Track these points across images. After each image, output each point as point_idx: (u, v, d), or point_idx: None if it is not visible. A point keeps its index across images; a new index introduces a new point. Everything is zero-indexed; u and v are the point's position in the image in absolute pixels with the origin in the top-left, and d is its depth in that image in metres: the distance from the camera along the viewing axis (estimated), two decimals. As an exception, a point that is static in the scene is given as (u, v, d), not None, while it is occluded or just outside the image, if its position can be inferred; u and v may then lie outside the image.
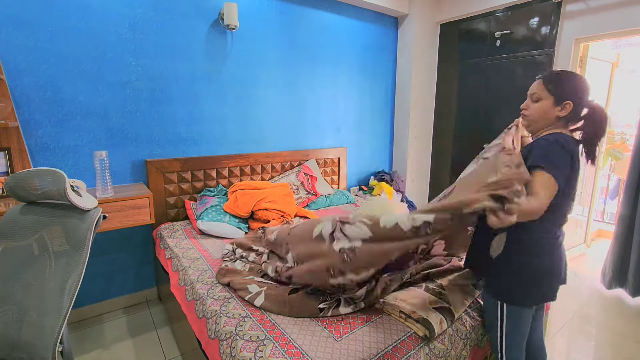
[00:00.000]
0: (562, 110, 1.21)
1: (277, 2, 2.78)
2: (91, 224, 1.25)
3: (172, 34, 2.34)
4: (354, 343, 1.20)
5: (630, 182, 2.48)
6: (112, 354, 1.97)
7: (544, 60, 2.88)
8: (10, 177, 1.26)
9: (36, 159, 2.01)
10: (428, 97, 3.80)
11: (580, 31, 2.68)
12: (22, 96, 1.93)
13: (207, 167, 2.59)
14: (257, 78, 2.77)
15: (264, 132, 2.89)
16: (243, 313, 1.38)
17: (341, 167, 3.44)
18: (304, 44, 2.99)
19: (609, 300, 2.59)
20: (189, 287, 1.66)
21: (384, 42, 3.58)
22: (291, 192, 2.68)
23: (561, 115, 1.22)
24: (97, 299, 2.33)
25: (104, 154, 1.94)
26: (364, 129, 3.61)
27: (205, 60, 2.50)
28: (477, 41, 3.34)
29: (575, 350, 2.08)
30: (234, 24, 2.44)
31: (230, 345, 1.23)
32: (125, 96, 2.23)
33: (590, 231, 3.51)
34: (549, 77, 1.24)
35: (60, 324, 1.10)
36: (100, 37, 2.10)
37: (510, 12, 3.06)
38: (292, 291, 1.43)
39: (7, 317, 1.13)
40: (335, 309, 1.35)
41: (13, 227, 1.26)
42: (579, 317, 2.36)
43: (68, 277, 1.16)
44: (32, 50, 1.92)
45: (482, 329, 1.46)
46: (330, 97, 3.26)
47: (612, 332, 2.21)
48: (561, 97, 1.20)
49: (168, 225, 2.37)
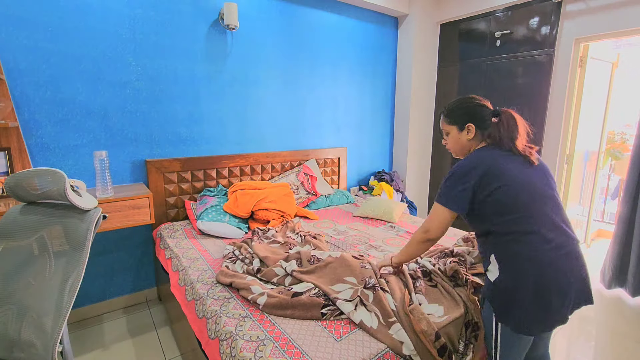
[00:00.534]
0: (469, 133, 1.32)
1: (277, 2, 2.78)
2: (91, 224, 1.24)
3: (172, 34, 2.34)
4: (354, 343, 1.20)
5: (630, 181, 2.48)
6: (112, 354, 1.97)
7: (544, 60, 2.88)
8: (10, 177, 1.26)
9: (36, 159, 2.01)
10: (428, 97, 3.80)
11: (580, 31, 2.68)
12: (22, 96, 1.93)
13: (207, 167, 2.59)
14: (257, 78, 2.77)
15: (264, 132, 2.89)
16: (243, 313, 1.38)
17: (341, 167, 3.44)
18: (304, 44, 2.99)
19: (609, 300, 2.59)
20: (189, 287, 1.66)
21: (384, 42, 3.58)
22: (291, 192, 2.68)
23: (470, 137, 1.32)
24: (97, 299, 2.33)
25: (104, 154, 1.94)
26: (364, 129, 3.61)
27: (205, 60, 2.50)
28: (477, 41, 3.34)
29: (576, 350, 2.08)
30: (234, 24, 2.44)
31: (230, 345, 1.23)
32: (125, 96, 2.23)
33: (591, 231, 3.51)
34: (446, 111, 1.39)
35: (60, 324, 1.10)
36: (100, 37, 2.10)
37: (510, 12, 3.06)
38: (295, 294, 1.43)
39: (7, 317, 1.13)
40: (338, 315, 1.35)
41: (13, 227, 1.26)
42: (578, 317, 2.36)
43: (68, 277, 1.16)
44: (32, 50, 1.92)
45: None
46: (330, 97, 3.26)
47: (612, 333, 2.21)
48: (460, 123, 1.33)
49: (168, 225, 2.37)
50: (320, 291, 1.45)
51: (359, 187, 3.65)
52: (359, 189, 3.63)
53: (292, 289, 1.47)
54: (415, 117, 3.71)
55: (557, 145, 2.91)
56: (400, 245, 2.14)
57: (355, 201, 3.19)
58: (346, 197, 3.15)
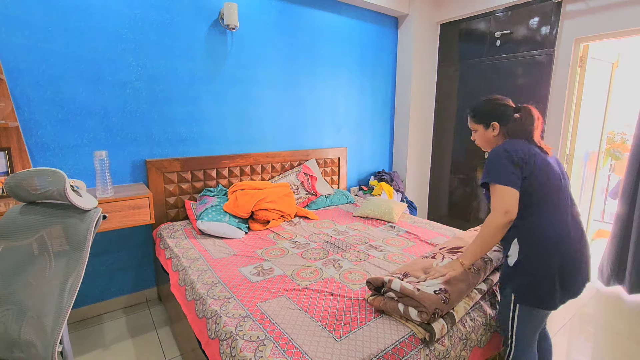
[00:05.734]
0: (494, 130, 1.44)
1: (277, 2, 2.78)
2: (91, 224, 1.24)
3: (172, 34, 2.34)
4: (354, 343, 1.20)
5: (629, 180, 2.49)
6: (112, 354, 1.97)
7: (544, 60, 2.88)
8: (10, 177, 1.26)
9: (36, 159, 2.01)
10: (428, 97, 3.80)
11: (580, 31, 2.68)
12: (22, 96, 1.93)
13: (207, 167, 2.59)
14: (257, 78, 2.77)
15: (264, 132, 2.89)
16: (243, 313, 1.38)
17: (341, 167, 3.44)
18: (304, 43, 2.99)
19: (607, 298, 2.59)
20: (189, 287, 1.66)
21: (384, 42, 3.58)
22: (291, 192, 2.68)
23: (495, 134, 1.44)
24: (97, 299, 2.33)
25: (104, 154, 1.94)
26: (364, 129, 3.61)
27: (205, 60, 2.50)
28: (477, 41, 3.34)
29: (576, 350, 2.08)
30: (234, 24, 2.44)
31: (230, 345, 1.23)
32: (125, 96, 2.23)
33: (591, 231, 3.51)
34: (472, 111, 1.50)
35: (60, 324, 1.10)
36: (100, 37, 2.10)
37: (510, 12, 3.06)
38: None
39: (7, 317, 1.13)
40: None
41: (13, 227, 1.26)
42: (579, 316, 2.36)
43: (68, 277, 1.16)
44: (32, 50, 1.92)
45: (482, 329, 1.46)
46: (330, 97, 3.26)
47: (611, 331, 2.21)
48: (486, 121, 1.45)
49: (168, 225, 2.37)
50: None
51: (359, 187, 3.65)
52: (359, 189, 3.63)
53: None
54: (415, 117, 3.71)
55: (557, 145, 2.91)
56: (400, 245, 2.14)
57: (355, 201, 3.19)
58: (346, 197, 3.15)
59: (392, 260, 1.90)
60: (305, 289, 1.57)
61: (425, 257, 1.66)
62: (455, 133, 3.67)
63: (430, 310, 1.23)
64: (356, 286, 1.60)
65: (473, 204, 3.59)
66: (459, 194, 3.73)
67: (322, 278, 1.69)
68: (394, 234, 2.34)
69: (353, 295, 1.51)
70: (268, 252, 2.00)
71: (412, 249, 2.09)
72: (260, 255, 1.96)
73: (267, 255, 1.97)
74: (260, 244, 2.13)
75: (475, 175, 3.54)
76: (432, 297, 1.26)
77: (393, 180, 3.53)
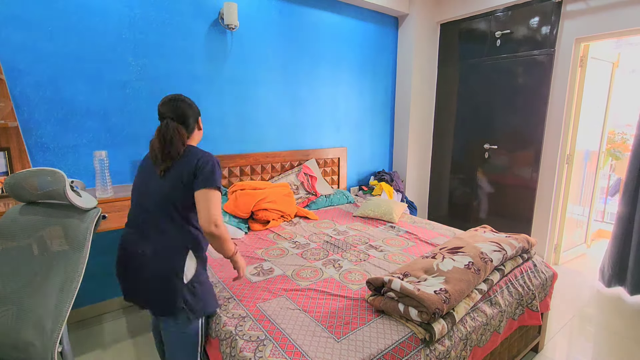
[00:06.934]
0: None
1: (277, 2, 2.78)
2: (91, 224, 1.24)
3: (172, 34, 2.34)
4: (354, 343, 1.20)
5: (629, 181, 2.49)
6: (112, 354, 1.96)
7: (544, 60, 2.88)
8: (10, 177, 1.26)
9: (36, 159, 2.01)
10: (428, 97, 3.80)
11: (581, 31, 2.68)
12: (22, 96, 1.92)
13: (207, 167, 2.59)
14: (257, 78, 2.77)
15: (263, 132, 2.89)
16: (243, 313, 1.38)
17: (341, 167, 3.44)
18: (303, 43, 2.99)
19: (609, 299, 2.59)
20: (189, 287, 1.65)
21: (384, 42, 3.58)
22: (291, 192, 2.68)
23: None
24: (97, 299, 2.33)
25: (104, 154, 1.94)
26: (364, 129, 3.61)
27: (205, 60, 2.50)
28: (477, 41, 3.34)
29: (576, 350, 2.07)
30: (233, 24, 2.44)
31: (230, 345, 1.23)
32: (125, 96, 2.23)
33: (591, 231, 3.51)
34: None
35: (60, 324, 1.09)
36: (100, 37, 2.10)
37: (511, 12, 3.06)
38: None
39: (7, 317, 1.13)
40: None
41: (13, 227, 1.26)
42: (579, 316, 2.36)
43: (68, 277, 1.16)
44: (32, 50, 1.92)
45: (482, 329, 1.46)
46: (330, 96, 3.26)
47: (611, 332, 2.21)
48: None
49: (168, 225, 2.37)
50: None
51: (359, 187, 3.65)
52: (359, 189, 3.63)
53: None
54: (416, 117, 3.71)
55: (557, 145, 2.90)
56: (400, 245, 2.14)
57: (355, 201, 3.19)
58: (346, 197, 3.15)
59: (392, 260, 1.90)
60: (305, 289, 1.57)
61: (425, 257, 1.66)
62: (456, 133, 3.67)
63: (431, 310, 1.23)
64: (356, 286, 1.60)
65: (473, 204, 3.59)
66: (459, 194, 3.73)
67: (322, 278, 1.69)
68: (394, 234, 2.34)
69: (353, 296, 1.51)
70: (268, 252, 2.00)
71: (412, 249, 2.08)
72: (260, 256, 1.96)
73: (267, 255, 1.97)
74: (260, 244, 2.13)
75: (475, 175, 3.53)
76: (433, 297, 1.26)
77: (393, 180, 3.53)
